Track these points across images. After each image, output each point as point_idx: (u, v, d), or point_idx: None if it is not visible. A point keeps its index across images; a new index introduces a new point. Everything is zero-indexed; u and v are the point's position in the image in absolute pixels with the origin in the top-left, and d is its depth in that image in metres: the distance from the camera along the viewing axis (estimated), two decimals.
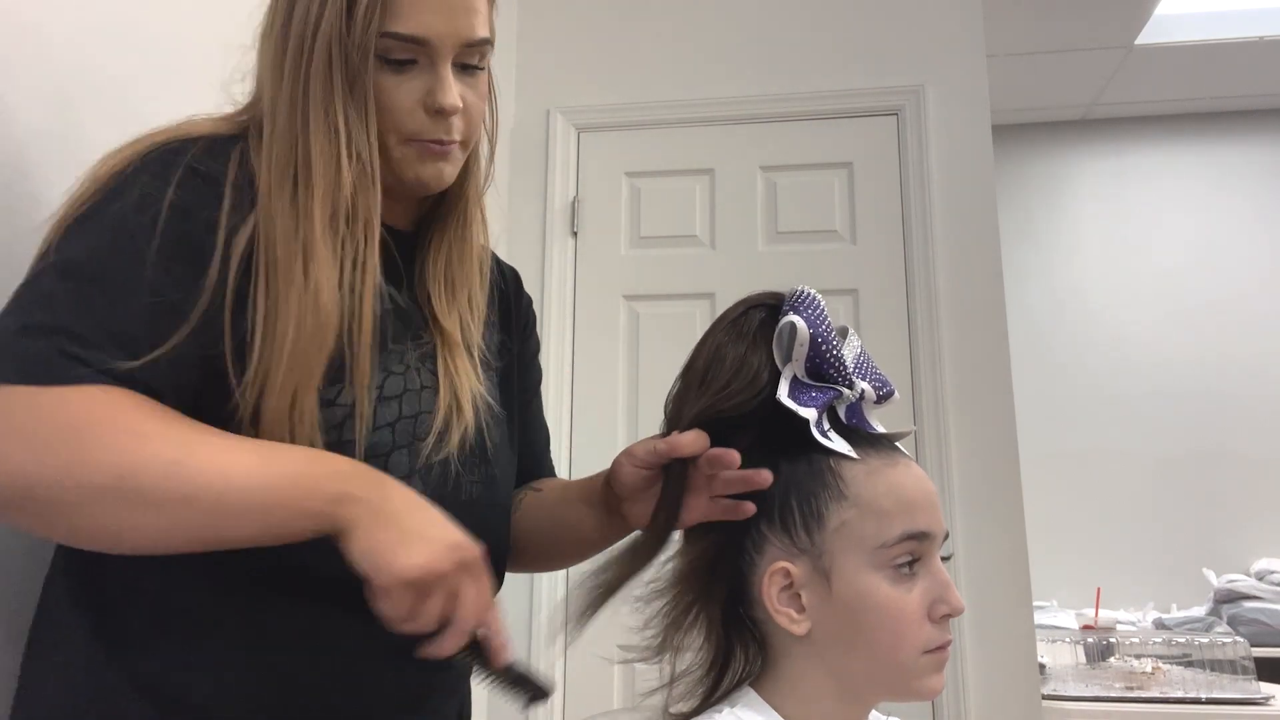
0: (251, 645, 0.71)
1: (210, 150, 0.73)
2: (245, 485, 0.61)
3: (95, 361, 0.62)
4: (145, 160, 0.70)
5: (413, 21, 0.73)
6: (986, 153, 2.27)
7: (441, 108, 0.75)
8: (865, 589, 0.69)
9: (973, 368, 2.15)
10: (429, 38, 0.74)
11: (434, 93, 0.75)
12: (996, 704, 1.98)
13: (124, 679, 0.68)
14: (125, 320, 0.65)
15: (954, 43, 2.34)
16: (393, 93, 0.75)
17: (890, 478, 0.72)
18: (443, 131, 0.77)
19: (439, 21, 0.74)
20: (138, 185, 0.68)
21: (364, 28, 0.72)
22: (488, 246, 0.92)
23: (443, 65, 0.75)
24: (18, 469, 0.58)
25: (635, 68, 2.44)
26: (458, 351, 0.83)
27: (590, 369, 2.30)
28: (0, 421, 0.59)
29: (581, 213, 2.38)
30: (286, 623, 0.71)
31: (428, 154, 0.77)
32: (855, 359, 0.76)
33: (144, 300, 0.65)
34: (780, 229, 2.32)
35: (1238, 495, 3.31)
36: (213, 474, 0.61)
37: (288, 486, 0.62)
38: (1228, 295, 3.47)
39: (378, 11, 0.72)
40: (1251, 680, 2.23)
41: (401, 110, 0.75)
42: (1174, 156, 3.64)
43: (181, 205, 0.68)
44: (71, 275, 0.65)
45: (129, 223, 0.67)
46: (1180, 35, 3.17)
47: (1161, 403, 3.42)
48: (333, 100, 0.72)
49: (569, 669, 2.15)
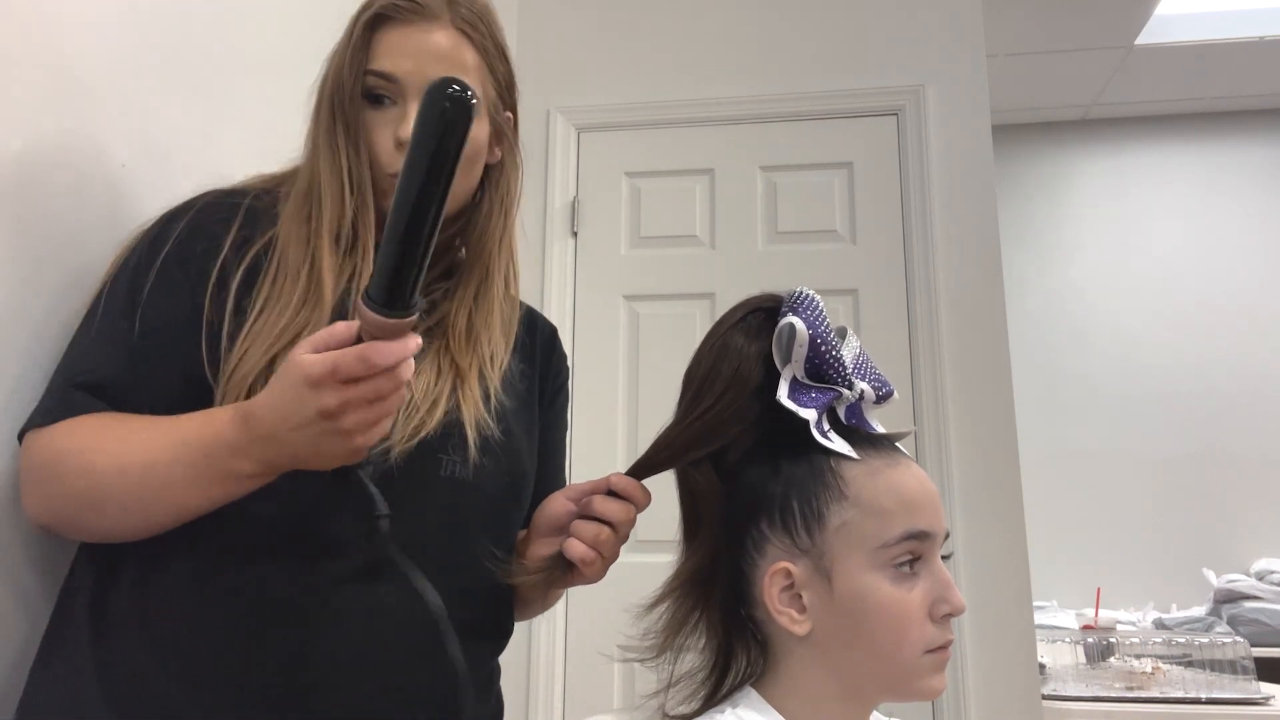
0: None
1: (210, 206, 0.85)
2: (169, 473, 0.70)
3: (77, 401, 0.75)
4: (164, 217, 0.84)
5: (387, 61, 0.84)
6: (986, 153, 2.27)
7: (400, 139, 0.84)
8: (866, 589, 0.69)
9: (973, 368, 2.15)
10: (397, 74, 0.84)
11: (400, 127, 0.84)
12: (996, 704, 1.98)
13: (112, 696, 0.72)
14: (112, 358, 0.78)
15: (954, 43, 2.34)
16: (374, 130, 0.85)
17: (891, 477, 0.72)
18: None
19: (410, 62, 0.84)
20: (144, 245, 0.82)
21: (352, 71, 0.84)
22: (515, 297, 0.98)
23: (410, 103, 0.84)
24: (31, 507, 0.75)
25: (635, 68, 2.44)
26: (468, 375, 0.87)
27: (590, 369, 2.30)
28: (22, 465, 0.76)
29: (581, 213, 2.38)
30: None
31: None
32: (854, 359, 0.76)
33: (130, 340, 0.78)
34: (780, 229, 2.32)
35: (1238, 495, 3.31)
36: (143, 472, 0.70)
37: (200, 459, 0.70)
38: (1228, 295, 3.47)
39: (363, 56, 0.84)
40: (1251, 680, 2.23)
41: (381, 146, 0.85)
42: (1174, 156, 3.64)
43: (177, 256, 0.81)
44: (89, 322, 0.81)
45: (137, 276, 0.80)
46: (1180, 35, 3.17)
47: (1161, 403, 3.42)
48: (335, 138, 0.84)
49: (569, 669, 2.15)
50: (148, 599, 0.74)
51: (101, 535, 0.75)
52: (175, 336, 0.78)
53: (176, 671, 0.72)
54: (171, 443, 0.71)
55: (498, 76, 0.93)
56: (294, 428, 0.65)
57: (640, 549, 2.12)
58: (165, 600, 0.74)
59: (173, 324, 0.78)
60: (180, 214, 0.84)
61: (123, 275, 0.81)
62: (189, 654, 0.72)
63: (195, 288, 0.80)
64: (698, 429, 0.75)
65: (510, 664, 2.13)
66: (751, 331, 0.75)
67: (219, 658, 0.72)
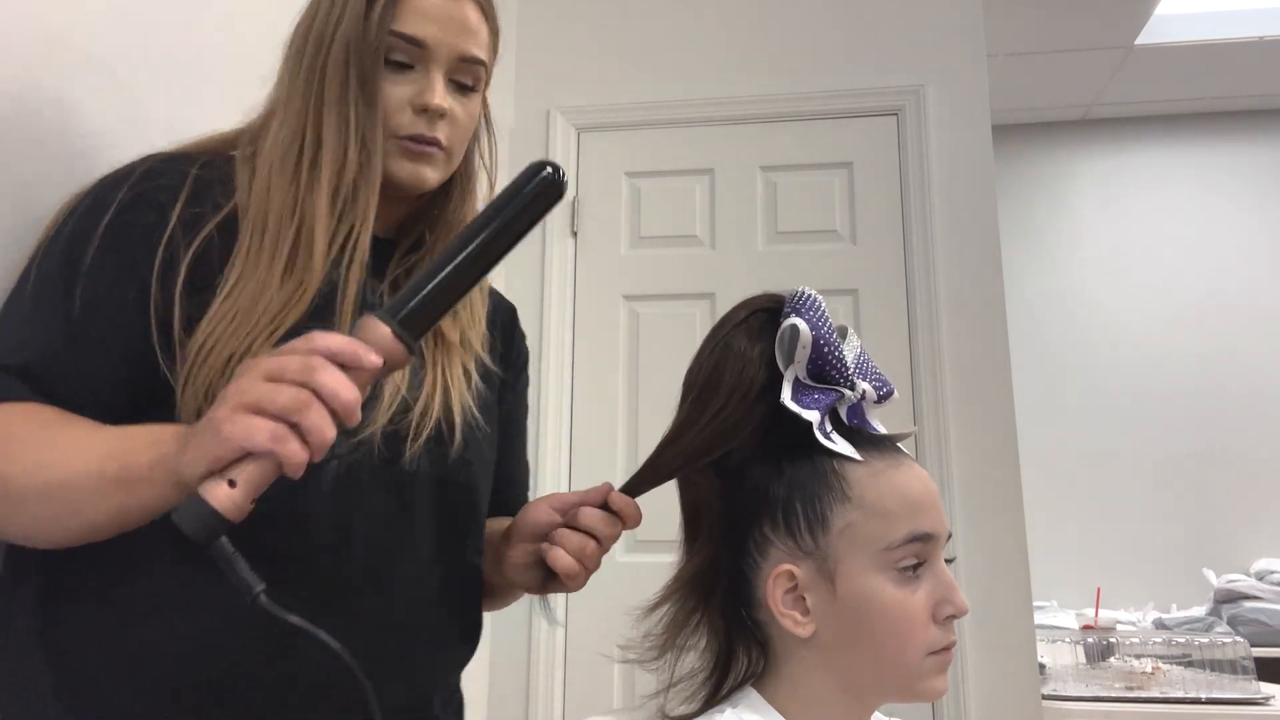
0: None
1: (154, 173, 0.77)
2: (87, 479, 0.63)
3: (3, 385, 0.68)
4: (102, 183, 0.77)
5: (415, 25, 0.80)
6: (986, 153, 2.27)
7: (427, 105, 0.81)
8: (870, 591, 0.69)
9: (973, 368, 2.15)
10: (427, 41, 0.81)
11: (423, 92, 0.81)
12: (996, 704, 1.98)
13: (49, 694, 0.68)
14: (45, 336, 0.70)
15: (954, 43, 2.34)
16: (388, 91, 0.81)
17: (894, 479, 0.71)
18: (424, 127, 0.82)
19: (438, 30, 0.81)
20: (81, 211, 0.75)
21: (377, 29, 0.79)
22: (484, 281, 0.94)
23: (435, 70, 0.82)
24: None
25: (635, 68, 2.44)
26: (452, 351, 0.85)
27: (590, 369, 2.29)
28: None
29: (581, 213, 2.38)
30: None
31: (408, 152, 0.82)
32: (856, 359, 0.76)
33: (64, 317, 0.71)
34: (780, 229, 2.32)
35: (1238, 495, 3.32)
36: (63, 469, 0.63)
37: (116, 470, 0.62)
38: (1228, 294, 3.47)
39: (389, 15, 0.80)
40: (1251, 680, 2.23)
41: (391, 108, 0.81)
42: (1174, 156, 3.64)
43: (120, 225, 0.73)
44: (18, 295, 0.73)
45: (75, 245, 0.73)
46: (1180, 35, 3.17)
47: (1161, 402, 3.42)
48: (346, 93, 0.79)
49: (569, 669, 2.14)
50: (56, 641, 0.69)
51: (6, 536, 0.68)
52: (120, 315, 0.71)
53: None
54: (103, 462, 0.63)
55: (491, 60, 0.90)
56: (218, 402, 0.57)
57: (640, 549, 2.13)
58: (77, 653, 0.69)
59: (117, 300, 0.71)
60: (121, 180, 0.76)
61: (57, 244, 0.73)
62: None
63: (140, 264, 0.72)
64: (705, 437, 0.74)
65: (510, 664, 2.14)
66: (754, 332, 0.75)
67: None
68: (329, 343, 0.57)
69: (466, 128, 0.86)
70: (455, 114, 0.84)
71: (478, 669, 2.11)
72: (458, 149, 0.86)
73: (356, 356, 0.57)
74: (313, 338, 0.58)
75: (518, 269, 2.28)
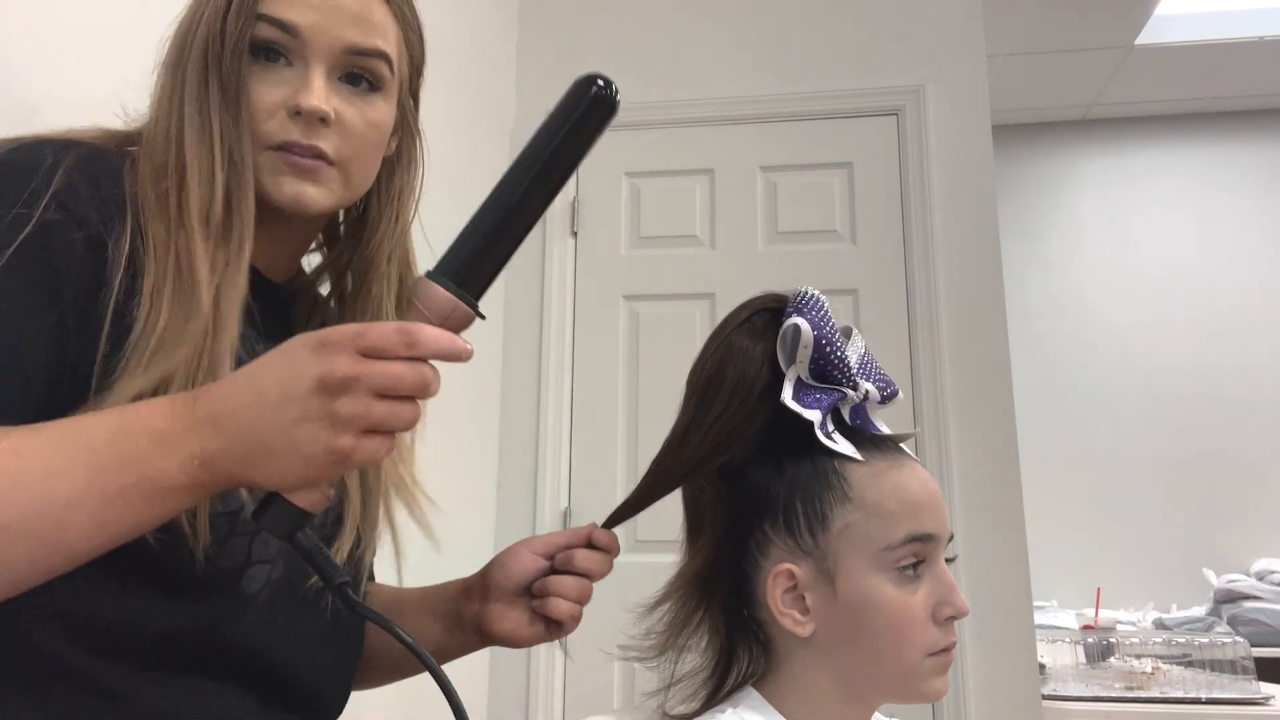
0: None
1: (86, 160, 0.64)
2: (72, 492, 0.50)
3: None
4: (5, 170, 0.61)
5: (288, 9, 0.66)
6: (986, 153, 2.27)
7: (299, 107, 0.66)
8: (870, 591, 0.69)
9: (973, 368, 2.15)
10: (301, 28, 0.67)
11: (297, 92, 0.67)
12: (996, 704, 1.98)
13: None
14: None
15: (954, 43, 2.34)
16: (256, 89, 0.67)
17: (895, 479, 0.71)
18: (299, 134, 0.67)
19: (317, 15, 0.67)
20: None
21: (238, 17, 0.65)
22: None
23: (315, 64, 0.67)
24: None
25: (635, 68, 2.44)
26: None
27: (590, 369, 2.29)
28: None
29: (581, 213, 2.38)
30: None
31: (286, 165, 0.68)
32: (859, 359, 0.76)
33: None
34: (780, 229, 2.32)
35: (1238, 495, 3.32)
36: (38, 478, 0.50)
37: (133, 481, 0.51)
38: (1228, 295, 3.47)
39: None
40: (1251, 680, 2.23)
41: (261, 112, 0.67)
42: (1174, 156, 3.64)
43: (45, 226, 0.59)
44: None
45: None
46: (1180, 35, 3.18)
47: (1161, 402, 3.42)
48: (207, 99, 0.65)
49: (569, 669, 2.14)
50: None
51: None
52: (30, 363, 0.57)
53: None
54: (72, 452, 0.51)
55: (412, 54, 0.76)
56: (274, 401, 0.49)
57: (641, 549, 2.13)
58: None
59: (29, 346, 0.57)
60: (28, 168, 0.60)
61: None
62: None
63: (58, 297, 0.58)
64: (709, 439, 0.73)
65: (510, 664, 2.14)
66: (756, 332, 0.75)
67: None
68: (424, 336, 0.50)
69: (366, 138, 0.70)
70: (346, 119, 0.69)
71: (478, 669, 2.11)
72: (356, 164, 0.70)
73: (442, 351, 0.51)
74: (366, 333, 0.50)
75: (517, 269, 2.28)
